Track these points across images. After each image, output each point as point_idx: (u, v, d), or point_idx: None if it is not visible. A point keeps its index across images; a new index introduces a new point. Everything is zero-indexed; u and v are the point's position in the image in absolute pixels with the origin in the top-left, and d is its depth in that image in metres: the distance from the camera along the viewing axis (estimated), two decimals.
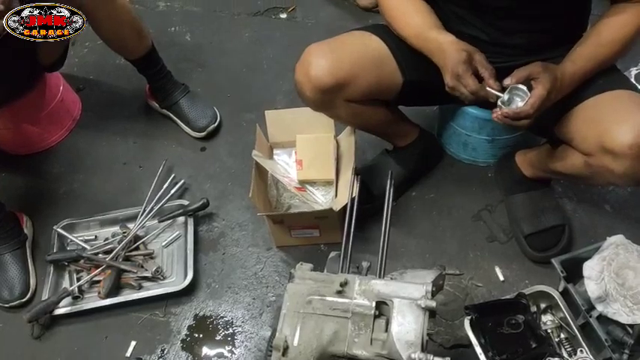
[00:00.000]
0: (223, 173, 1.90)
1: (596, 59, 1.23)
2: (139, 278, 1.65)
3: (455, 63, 1.21)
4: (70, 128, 2.08)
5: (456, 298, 1.55)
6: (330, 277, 1.15)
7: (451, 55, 1.22)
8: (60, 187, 1.93)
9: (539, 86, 1.16)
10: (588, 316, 1.34)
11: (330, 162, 1.68)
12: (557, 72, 1.20)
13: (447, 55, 1.23)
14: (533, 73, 1.17)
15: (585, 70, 1.23)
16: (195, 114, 1.98)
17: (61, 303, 1.61)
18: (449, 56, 1.23)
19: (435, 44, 1.27)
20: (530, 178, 1.58)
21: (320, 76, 1.34)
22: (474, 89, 1.19)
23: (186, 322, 1.60)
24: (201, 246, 1.74)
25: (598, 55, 1.23)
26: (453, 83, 1.22)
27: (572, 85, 1.23)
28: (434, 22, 1.32)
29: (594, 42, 1.24)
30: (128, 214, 1.78)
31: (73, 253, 1.70)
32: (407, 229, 1.69)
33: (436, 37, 1.28)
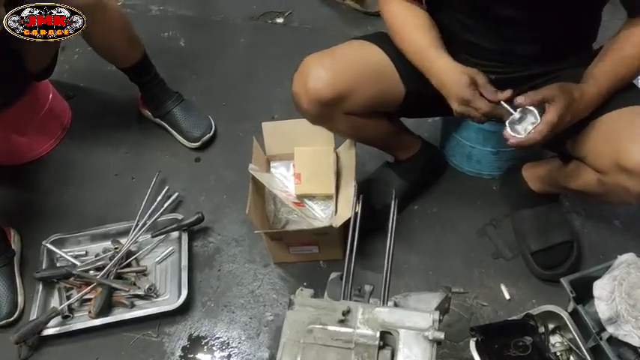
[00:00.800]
0: (219, 185, 1.84)
1: (617, 76, 1.18)
2: (131, 296, 1.59)
3: (460, 89, 1.16)
4: (60, 138, 2.01)
5: (461, 318, 1.49)
6: (332, 304, 1.09)
7: (453, 82, 1.18)
8: (49, 200, 1.86)
9: (551, 111, 1.11)
10: (599, 339, 1.29)
11: (329, 176, 1.62)
12: (576, 93, 1.15)
13: (447, 83, 1.19)
14: (548, 97, 1.12)
15: (608, 88, 1.18)
16: (189, 123, 1.92)
17: (50, 323, 1.55)
18: (450, 83, 1.18)
19: (433, 68, 1.23)
20: (537, 193, 1.52)
21: (318, 88, 1.28)
22: (487, 111, 1.14)
23: (180, 343, 1.54)
24: (195, 262, 1.67)
25: (619, 72, 1.18)
26: (462, 109, 1.17)
27: (593, 105, 1.18)
28: (433, 40, 1.26)
29: (616, 58, 1.18)
30: (120, 229, 1.72)
31: (63, 269, 1.64)
32: (409, 245, 1.63)
33: (434, 59, 1.23)
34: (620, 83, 1.19)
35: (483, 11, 1.25)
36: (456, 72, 1.19)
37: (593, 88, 1.17)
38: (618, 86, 1.19)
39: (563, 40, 1.30)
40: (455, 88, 1.17)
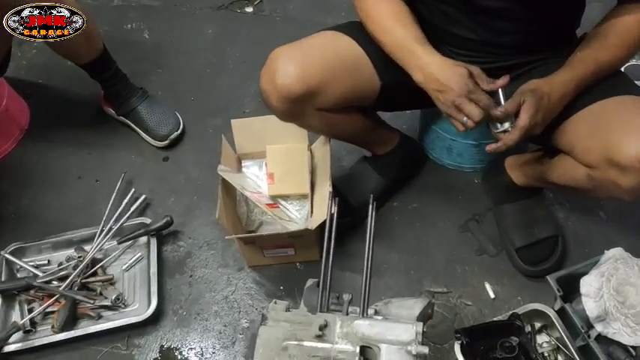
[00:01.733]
0: (188, 186, 1.76)
1: (596, 62, 1.13)
2: (97, 307, 1.50)
3: (459, 82, 1.10)
4: (18, 139, 1.90)
5: (445, 318, 1.44)
6: (308, 317, 1.02)
7: (449, 76, 1.11)
8: (7, 206, 1.76)
9: (522, 116, 1.09)
10: (587, 337, 1.24)
11: (304, 175, 1.54)
12: (545, 87, 1.11)
13: (442, 76, 1.12)
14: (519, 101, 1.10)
15: (585, 75, 1.12)
16: (155, 121, 1.82)
17: (10, 339, 1.46)
18: (446, 75, 1.12)
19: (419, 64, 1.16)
20: (520, 187, 1.47)
21: (287, 84, 1.20)
22: (488, 103, 1.08)
23: (151, 355, 1.46)
24: (165, 268, 1.59)
25: (599, 59, 1.13)
26: (460, 102, 1.10)
27: (569, 93, 1.13)
28: (416, 34, 1.19)
29: (597, 45, 1.14)
30: (84, 235, 1.62)
31: (23, 281, 1.54)
32: (388, 243, 1.57)
33: (421, 55, 1.15)
34: (601, 70, 1.14)
35: (468, 2, 1.18)
36: (449, 64, 1.13)
37: (567, 76, 1.13)
38: (600, 73, 1.14)
39: (546, 31, 1.24)
40: (455, 79, 1.11)
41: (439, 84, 1.13)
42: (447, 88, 1.11)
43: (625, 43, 1.12)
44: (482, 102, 1.08)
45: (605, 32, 1.13)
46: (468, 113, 1.09)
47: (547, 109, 1.11)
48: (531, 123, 1.09)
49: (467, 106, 1.09)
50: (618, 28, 1.11)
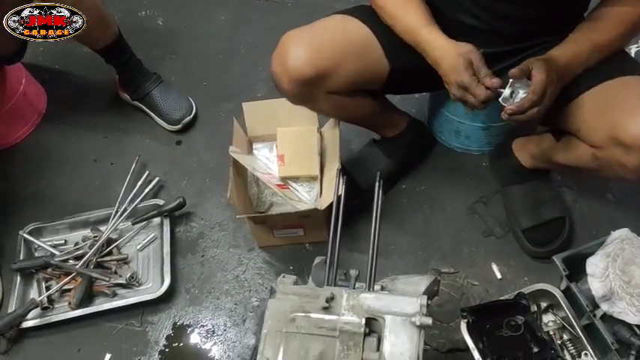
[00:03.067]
0: (201, 168, 1.79)
1: (592, 43, 1.14)
2: (112, 285, 1.55)
3: (458, 74, 1.11)
4: (36, 123, 1.94)
5: (451, 298, 1.46)
6: (316, 291, 1.05)
7: (450, 66, 1.13)
8: (25, 188, 1.80)
9: (535, 73, 1.07)
10: (593, 317, 1.26)
11: (313, 156, 1.57)
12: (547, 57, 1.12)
13: (445, 67, 1.14)
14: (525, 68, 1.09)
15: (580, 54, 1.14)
16: (169, 105, 1.85)
17: (29, 315, 1.50)
18: (448, 68, 1.14)
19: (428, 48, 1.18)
20: (528, 169, 1.48)
21: (298, 67, 1.22)
22: (484, 98, 1.09)
23: (164, 332, 1.50)
24: (178, 248, 1.63)
25: (594, 39, 1.14)
26: (460, 94, 1.12)
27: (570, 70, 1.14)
28: (424, 17, 1.21)
29: (592, 27, 1.15)
30: (100, 216, 1.67)
31: (41, 260, 1.58)
32: (397, 225, 1.59)
33: (428, 39, 1.18)
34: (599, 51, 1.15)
35: None
36: (452, 54, 1.14)
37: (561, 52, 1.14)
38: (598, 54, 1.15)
39: (550, 14, 1.24)
40: (453, 72, 1.13)
41: (442, 71, 1.15)
42: (447, 79, 1.14)
43: (621, 25, 1.13)
44: (478, 96, 1.09)
45: (601, 14, 1.14)
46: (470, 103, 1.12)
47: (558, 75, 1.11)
48: (549, 79, 1.07)
49: (467, 97, 1.12)
50: (614, 10, 1.12)
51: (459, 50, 1.13)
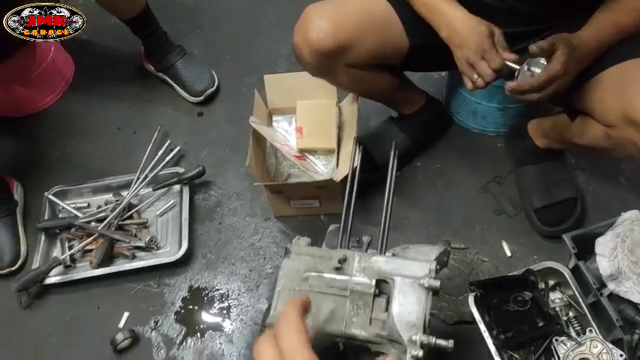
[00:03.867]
0: (221, 140, 1.83)
1: (616, 25, 1.14)
2: (132, 248, 1.60)
3: (479, 38, 1.13)
4: (63, 90, 2.00)
5: (461, 272, 1.49)
6: (329, 252, 1.08)
7: (471, 31, 1.15)
8: (52, 152, 1.87)
9: (554, 61, 1.09)
10: (599, 295, 1.28)
11: (331, 130, 1.60)
12: (575, 41, 1.12)
13: (464, 33, 1.16)
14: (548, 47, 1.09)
15: (604, 36, 1.14)
16: (192, 77, 1.90)
17: (51, 272, 1.57)
18: (468, 33, 1.15)
19: (446, 19, 1.19)
20: (542, 149, 1.49)
21: (320, 39, 1.25)
22: (498, 66, 1.11)
23: (180, 294, 1.55)
24: (196, 215, 1.68)
25: (619, 21, 1.14)
26: (474, 59, 1.14)
27: (592, 54, 1.15)
28: None
29: (616, 7, 1.15)
30: (122, 182, 1.72)
31: (65, 220, 1.65)
32: (411, 201, 1.62)
33: (448, 11, 1.19)
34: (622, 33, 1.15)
35: None
36: (473, 22, 1.16)
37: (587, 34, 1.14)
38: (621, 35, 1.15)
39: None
40: (473, 37, 1.14)
41: (459, 39, 1.17)
42: (465, 45, 1.15)
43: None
44: (493, 62, 1.12)
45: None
46: (480, 72, 1.14)
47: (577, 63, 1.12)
48: (564, 71, 1.09)
49: (480, 65, 1.13)
50: None
51: (481, 21, 1.15)
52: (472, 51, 1.14)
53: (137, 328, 1.49)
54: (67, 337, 1.52)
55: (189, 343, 1.47)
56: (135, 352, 1.47)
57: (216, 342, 1.47)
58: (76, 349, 1.50)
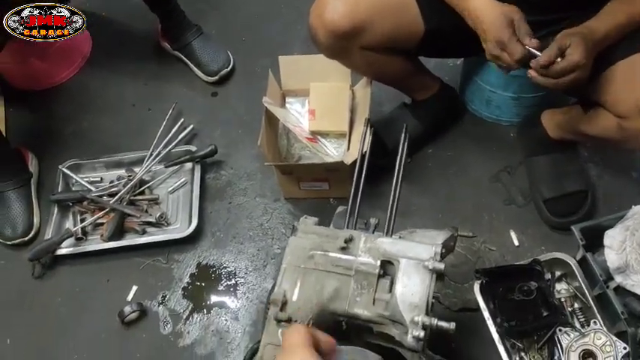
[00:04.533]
0: (234, 120, 1.84)
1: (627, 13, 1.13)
2: (142, 223, 1.62)
3: (497, 30, 1.12)
4: (80, 66, 2.02)
5: (467, 260, 1.49)
6: (335, 232, 1.10)
7: (490, 21, 1.14)
8: (67, 126, 1.89)
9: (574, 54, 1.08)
10: (605, 287, 1.27)
11: (344, 113, 1.60)
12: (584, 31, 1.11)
13: (484, 21, 1.15)
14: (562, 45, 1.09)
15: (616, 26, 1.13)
16: (207, 57, 1.91)
17: (63, 244, 1.59)
18: (487, 22, 1.14)
19: (467, 8, 1.18)
20: (554, 140, 1.48)
21: (335, 19, 1.25)
22: (521, 57, 1.10)
23: (188, 270, 1.57)
24: (207, 194, 1.69)
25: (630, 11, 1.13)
26: (497, 52, 1.13)
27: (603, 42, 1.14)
28: None
29: None
30: (134, 158, 1.74)
31: (78, 194, 1.67)
32: (421, 187, 1.62)
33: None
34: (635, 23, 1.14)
35: None
36: (494, 11, 1.14)
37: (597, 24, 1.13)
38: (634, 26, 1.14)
39: None
40: (493, 29, 1.13)
41: (482, 30, 1.16)
42: (487, 37, 1.14)
43: None
44: (513, 55, 1.11)
45: None
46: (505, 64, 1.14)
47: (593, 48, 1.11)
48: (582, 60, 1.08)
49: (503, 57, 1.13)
50: None
51: (503, 9, 1.14)
52: (493, 44, 1.14)
53: (145, 302, 1.52)
54: (76, 307, 1.54)
55: (196, 318, 1.49)
56: (142, 325, 1.49)
57: (222, 318, 1.49)
58: (84, 319, 1.52)
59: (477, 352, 1.36)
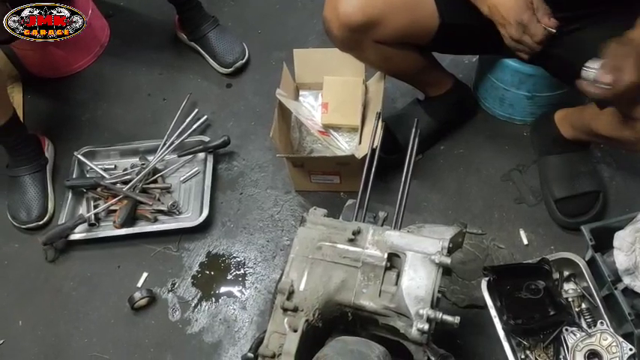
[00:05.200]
0: (247, 112, 1.85)
1: None
2: (154, 211, 1.64)
3: (518, 11, 1.12)
4: (97, 54, 2.04)
5: (476, 257, 1.49)
6: (343, 224, 1.11)
7: (510, 5, 1.13)
8: (83, 114, 1.91)
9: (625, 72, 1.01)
10: (613, 288, 1.27)
11: (357, 107, 1.60)
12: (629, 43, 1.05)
13: (503, 7, 1.14)
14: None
15: None
16: (223, 48, 1.92)
17: (76, 229, 1.62)
18: (507, 6, 1.14)
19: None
20: (568, 140, 1.48)
21: (349, 13, 1.26)
22: (542, 38, 1.10)
23: (198, 259, 1.59)
24: (219, 184, 1.71)
25: None
26: (518, 35, 1.13)
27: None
28: None
29: None
30: (148, 146, 1.76)
31: (92, 180, 1.70)
32: (431, 184, 1.62)
33: None
34: None
35: None
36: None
37: None
38: None
39: None
40: (512, 11, 1.13)
41: (500, 16, 1.15)
42: (506, 21, 1.14)
43: None
44: (536, 36, 1.10)
45: None
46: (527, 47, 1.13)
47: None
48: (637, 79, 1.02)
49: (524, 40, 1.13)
50: None
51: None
52: (514, 28, 1.13)
53: (154, 289, 1.54)
54: (87, 292, 1.57)
55: (204, 306, 1.51)
56: (151, 311, 1.51)
57: (230, 307, 1.50)
58: (94, 303, 1.55)
59: (483, 350, 1.37)
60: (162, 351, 1.46)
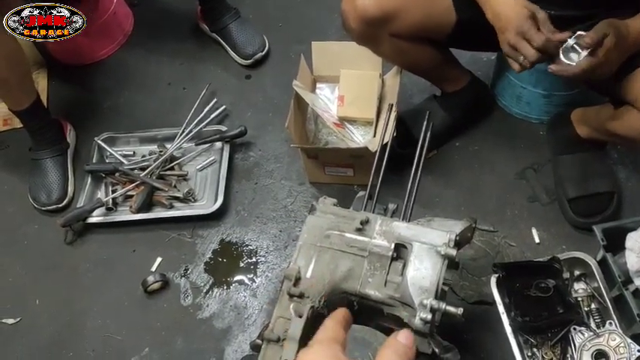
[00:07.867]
0: (265, 103, 1.87)
1: None
2: (170, 198, 1.67)
3: (519, 19, 1.12)
4: (121, 43, 2.08)
5: (486, 254, 1.49)
6: (352, 213, 1.12)
7: (512, 12, 1.14)
8: (105, 101, 1.95)
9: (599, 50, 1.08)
10: (624, 289, 1.26)
11: (372, 101, 1.61)
12: (623, 29, 1.10)
13: (505, 14, 1.15)
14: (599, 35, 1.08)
15: None
16: (243, 40, 1.94)
17: (94, 212, 1.65)
18: (509, 14, 1.14)
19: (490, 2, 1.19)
20: (583, 139, 1.47)
21: (366, 5, 1.27)
22: (541, 45, 1.10)
23: (211, 246, 1.61)
24: (234, 173, 1.73)
25: None
26: (516, 40, 1.13)
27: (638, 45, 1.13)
28: None
29: None
30: (167, 134, 1.79)
31: (111, 165, 1.73)
32: (445, 180, 1.63)
33: None
34: None
35: None
36: (517, 6, 1.15)
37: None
38: None
39: None
40: (514, 18, 1.14)
41: (501, 23, 1.16)
42: (506, 28, 1.15)
43: None
44: (535, 41, 1.10)
45: None
46: (524, 53, 1.13)
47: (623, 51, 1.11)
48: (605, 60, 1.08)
49: (522, 45, 1.12)
50: None
51: (526, 3, 1.14)
52: (512, 33, 1.14)
53: (168, 274, 1.56)
54: (102, 274, 1.60)
55: (215, 292, 1.53)
56: (164, 295, 1.54)
57: (241, 295, 1.52)
58: (109, 285, 1.58)
59: (490, 346, 1.37)
60: (173, 334, 1.49)
